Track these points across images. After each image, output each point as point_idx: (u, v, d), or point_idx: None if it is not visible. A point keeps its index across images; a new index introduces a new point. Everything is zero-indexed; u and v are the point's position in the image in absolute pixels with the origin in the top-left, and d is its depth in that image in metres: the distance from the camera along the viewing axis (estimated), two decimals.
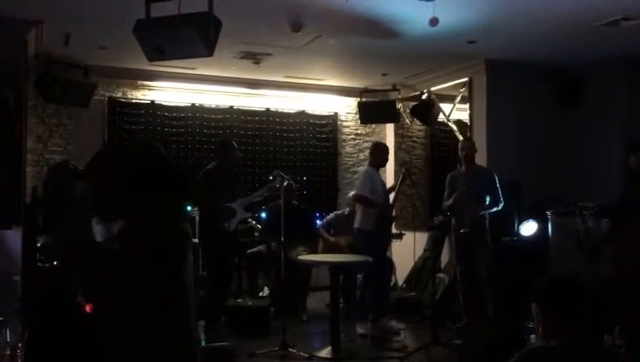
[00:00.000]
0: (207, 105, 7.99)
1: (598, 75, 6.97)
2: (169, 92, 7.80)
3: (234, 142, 6.04)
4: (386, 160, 6.15)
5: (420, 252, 7.17)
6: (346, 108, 8.77)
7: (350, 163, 8.80)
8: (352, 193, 6.63)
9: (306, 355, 4.90)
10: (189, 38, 3.91)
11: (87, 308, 2.60)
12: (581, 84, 7.17)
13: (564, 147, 7.22)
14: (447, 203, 5.88)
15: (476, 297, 5.79)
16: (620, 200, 5.06)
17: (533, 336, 4.68)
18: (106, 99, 7.47)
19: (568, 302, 2.09)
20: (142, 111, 7.66)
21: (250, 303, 6.08)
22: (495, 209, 5.80)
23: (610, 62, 6.77)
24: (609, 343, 4.40)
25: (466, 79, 7.31)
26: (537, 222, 6.32)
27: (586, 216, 5.66)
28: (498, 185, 5.82)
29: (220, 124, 8.03)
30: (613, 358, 2.15)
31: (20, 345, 2.84)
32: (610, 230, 5.14)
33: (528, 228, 6.38)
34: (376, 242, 5.81)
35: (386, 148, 6.21)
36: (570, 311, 2.08)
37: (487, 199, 5.72)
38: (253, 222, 7.18)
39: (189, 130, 7.83)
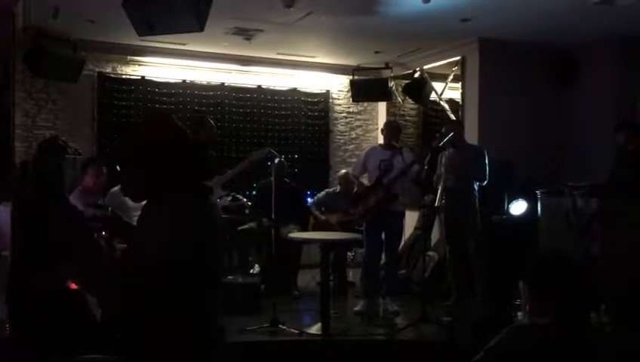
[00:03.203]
0: (198, 82, 7.93)
1: (591, 55, 6.96)
2: (159, 68, 7.72)
3: (211, 121, 5.86)
4: (388, 136, 5.86)
5: (410, 230, 7.19)
6: (338, 86, 8.72)
7: (342, 141, 8.78)
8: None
9: (296, 332, 4.92)
10: (179, 13, 3.86)
11: (72, 285, 2.60)
12: (574, 64, 7.16)
13: (556, 126, 7.22)
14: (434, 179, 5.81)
15: (465, 275, 5.83)
16: (608, 179, 5.08)
17: (520, 314, 4.73)
18: (96, 74, 7.39)
19: (555, 280, 2.11)
20: (132, 87, 7.59)
21: (240, 280, 6.09)
22: (478, 182, 5.74)
23: (603, 42, 6.75)
24: (595, 320, 4.46)
25: (458, 58, 7.28)
26: (527, 201, 6.34)
27: (575, 196, 5.68)
28: (486, 162, 5.77)
29: (211, 101, 7.97)
30: (598, 335, 2.18)
31: (8, 319, 2.84)
32: (598, 209, 5.17)
33: (518, 207, 6.41)
34: (364, 221, 5.85)
35: (386, 126, 6.05)
36: (556, 289, 2.10)
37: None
38: (244, 200, 7.18)
39: (180, 106, 7.76)
